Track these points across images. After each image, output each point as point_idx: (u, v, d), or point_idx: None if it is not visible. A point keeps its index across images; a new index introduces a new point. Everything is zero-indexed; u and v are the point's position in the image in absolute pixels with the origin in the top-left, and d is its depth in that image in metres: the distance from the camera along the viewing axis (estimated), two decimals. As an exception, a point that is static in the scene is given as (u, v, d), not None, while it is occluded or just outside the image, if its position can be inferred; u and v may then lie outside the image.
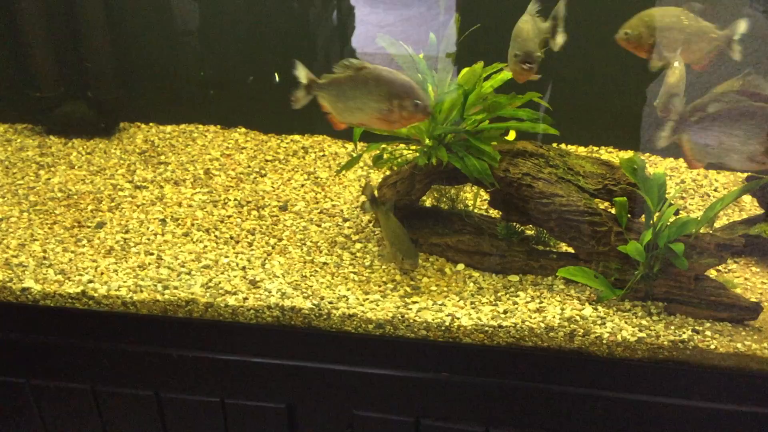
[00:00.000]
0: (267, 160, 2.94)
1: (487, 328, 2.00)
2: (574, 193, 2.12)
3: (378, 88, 1.90)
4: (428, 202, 2.49)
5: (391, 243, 2.16)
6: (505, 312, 2.04)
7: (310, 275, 2.22)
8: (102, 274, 2.22)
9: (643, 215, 2.10)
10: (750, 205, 2.59)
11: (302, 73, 1.93)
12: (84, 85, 3.09)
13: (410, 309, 2.06)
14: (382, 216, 2.23)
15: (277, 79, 3.03)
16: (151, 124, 3.23)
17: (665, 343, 1.94)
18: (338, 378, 2.12)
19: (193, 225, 2.49)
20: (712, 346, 1.93)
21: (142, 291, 2.14)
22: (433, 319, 2.02)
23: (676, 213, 2.06)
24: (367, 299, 2.10)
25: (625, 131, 2.92)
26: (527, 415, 2.08)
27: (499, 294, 2.13)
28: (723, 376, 1.94)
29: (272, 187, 2.74)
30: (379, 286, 2.17)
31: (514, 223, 2.27)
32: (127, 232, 2.45)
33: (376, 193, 2.32)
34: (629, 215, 2.10)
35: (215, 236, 2.42)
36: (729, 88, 1.94)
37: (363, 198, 2.40)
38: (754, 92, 1.85)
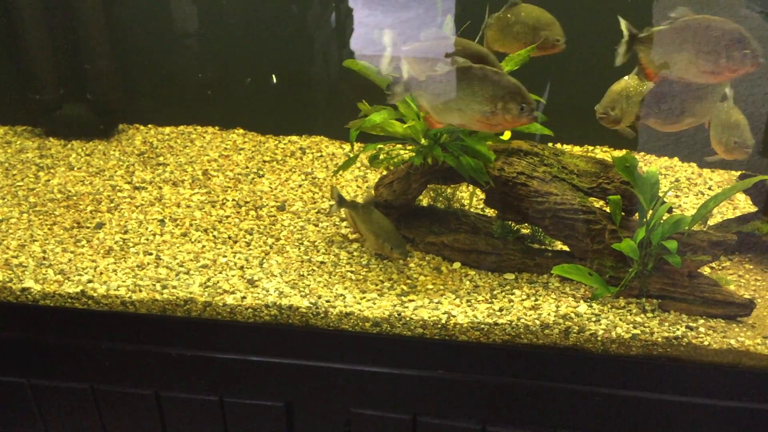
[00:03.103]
0: (265, 161, 2.96)
1: (483, 326, 2.02)
2: (569, 191, 2.14)
3: (483, 89, 1.85)
4: (425, 201, 2.51)
5: (377, 235, 2.19)
6: (500, 310, 2.06)
7: (308, 274, 2.24)
8: (101, 274, 2.24)
9: (637, 213, 2.12)
10: (744, 203, 2.61)
11: None
12: (83, 87, 3.11)
13: (407, 307, 2.08)
14: (361, 213, 2.26)
15: (275, 80, 3.04)
16: (149, 125, 3.25)
17: (659, 339, 1.96)
18: (336, 376, 2.13)
19: (191, 225, 2.50)
20: (706, 343, 1.95)
21: (141, 290, 2.16)
22: (429, 317, 2.04)
23: (670, 211, 2.08)
24: (364, 298, 2.12)
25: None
26: (523, 412, 2.10)
27: (494, 292, 2.14)
28: (717, 373, 1.96)
29: (270, 187, 2.76)
30: (376, 285, 2.18)
31: (510, 222, 2.29)
32: (126, 232, 2.46)
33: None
34: (623, 213, 2.11)
35: (213, 236, 2.44)
36: None
37: (331, 202, 2.41)
38: None
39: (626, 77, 2.05)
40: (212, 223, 2.52)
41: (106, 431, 2.36)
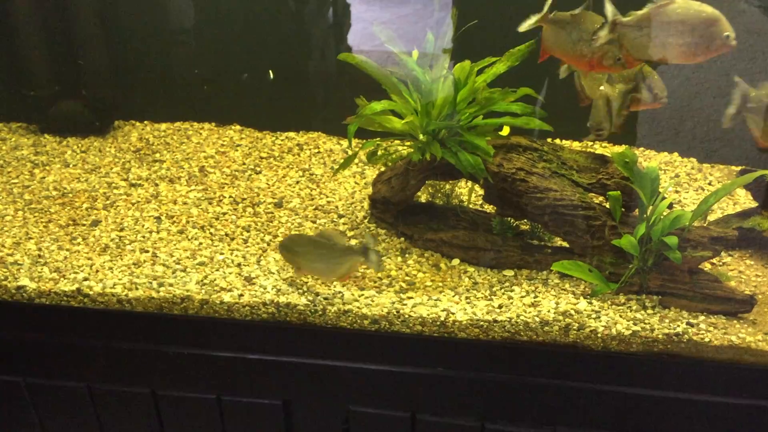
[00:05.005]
0: (262, 157, 2.94)
1: (482, 323, 2.01)
2: (568, 187, 2.13)
3: None
4: (423, 197, 2.49)
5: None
6: (500, 307, 2.05)
7: (306, 271, 2.22)
8: (97, 271, 2.22)
9: (637, 209, 2.11)
10: (744, 199, 2.59)
11: None
12: (79, 83, 3.09)
13: (405, 304, 2.06)
14: None
15: (272, 76, 3.03)
16: (145, 122, 3.23)
17: (660, 336, 1.95)
18: (334, 374, 2.12)
19: (188, 222, 2.49)
20: (707, 339, 1.94)
21: (137, 288, 2.15)
22: (428, 315, 2.02)
23: (670, 207, 2.07)
24: (363, 295, 2.11)
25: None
26: (522, 410, 2.09)
27: (494, 289, 2.13)
28: (717, 369, 1.95)
29: (267, 184, 2.74)
30: (375, 282, 2.17)
31: (509, 218, 2.27)
32: (122, 229, 2.45)
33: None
34: (623, 209, 2.10)
35: (210, 233, 2.42)
36: None
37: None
38: None
39: (601, 87, 2.03)
40: (209, 220, 2.50)
41: (102, 430, 2.35)
